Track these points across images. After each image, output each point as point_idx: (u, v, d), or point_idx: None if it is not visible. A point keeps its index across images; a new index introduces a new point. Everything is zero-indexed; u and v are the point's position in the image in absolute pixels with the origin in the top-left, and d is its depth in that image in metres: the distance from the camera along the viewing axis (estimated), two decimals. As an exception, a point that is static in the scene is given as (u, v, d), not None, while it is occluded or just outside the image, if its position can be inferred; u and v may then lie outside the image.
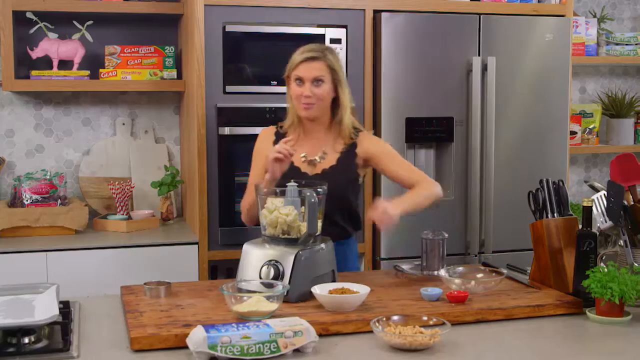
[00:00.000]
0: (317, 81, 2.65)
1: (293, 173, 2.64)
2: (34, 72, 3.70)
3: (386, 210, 2.47)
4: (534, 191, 2.55)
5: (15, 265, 3.26)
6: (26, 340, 1.93)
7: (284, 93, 3.51)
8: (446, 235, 2.65)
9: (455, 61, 3.67)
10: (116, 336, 2.06)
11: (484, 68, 3.67)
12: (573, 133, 4.33)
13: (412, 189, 2.73)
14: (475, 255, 3.71)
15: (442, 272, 2.45)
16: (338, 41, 3.58)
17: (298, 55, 2.69)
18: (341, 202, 2.70)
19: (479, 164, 3.70)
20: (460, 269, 2.53)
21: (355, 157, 2.74)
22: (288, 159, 2.53)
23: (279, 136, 2.76)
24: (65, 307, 2.21)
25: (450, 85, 3.68)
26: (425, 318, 2.06)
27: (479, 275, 2.47)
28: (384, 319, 2.03)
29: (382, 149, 2.79)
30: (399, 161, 2.78)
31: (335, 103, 2.72)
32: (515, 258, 3.34)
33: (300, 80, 2.66)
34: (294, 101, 2.71)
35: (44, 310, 2.04)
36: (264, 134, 2.85)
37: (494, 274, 2.48)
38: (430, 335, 1.93)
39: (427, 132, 3.66)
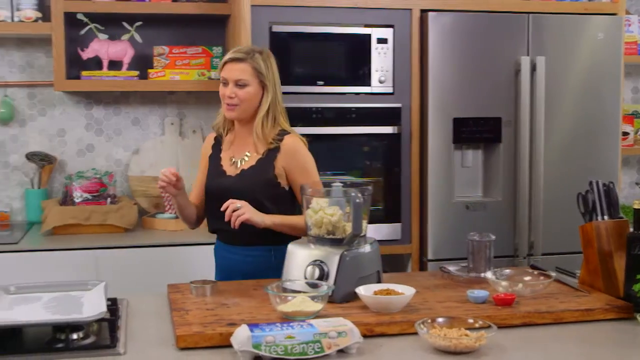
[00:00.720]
0: (240, 84, 2.63)
1: (219, 175, 2.71)
2: (84, 73, 3.76)
3: (240, 211, 2.46)
4: (583, 193, 2.50)
5: (65, 263, 3.31)
6: (74, 336, 1.96)
7: (330, 93, 3.55)
8: (493, 237, 2.62)
9: (503, 61, 3.63)
10: (162, 334, 2.08)
11: (533, 68, 3.62)
12: (625, 134, 4.25)
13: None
14: (524, 258, 3.66)
15: (489, 274, 2.42)
16: (384, 41, 3.57)
17: (226, 55, 2.70)
18: (254, 206, 2.55)
19: (527, 165, 3.65)
20: (508, 271, 2.50)
21: (274, 160, 2.64)
22: (170, 186, 2.59)
23: (217, 139, 2.81)
24: (113, 304, 2.23)
25: (498, 85, 3.64)
26: (471, 320, 2.04)
27: (527, 278, 2.44)
28: (429, 320, 2.02)
29: (298, 162, 2.67)
30: (307, 179, 2.63)
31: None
32: (565, 261, 3.30)
33: (225, 81, 2.66)
34: (222, 101, 2.70)
35: (92, 307, 2.07)
36: (208, 138, 2.87)
37: (542, 276, 2.44)
38: (475, 338, 1.91)
39: (474, 133, 3.63)
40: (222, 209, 2.48)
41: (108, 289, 2.27)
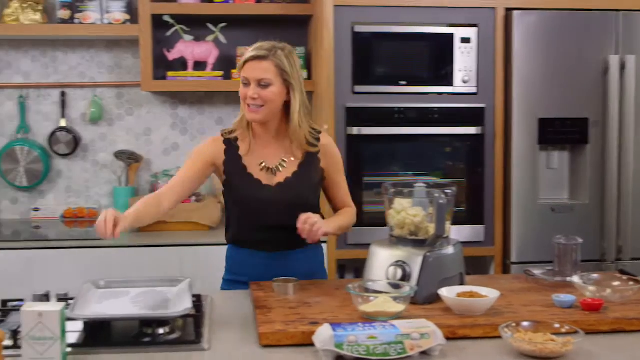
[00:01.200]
0: (263, 83, 2.43)
1: (254, 186, 2.51)
2: (170, 73, 3.84)
3: (317, 226, 2.37)
4: (676, 196, 2.42)
5: (151, 259, 3.39)
6: (161, 331, 2.00)
7: (413, 93, 3.53)
8: (580, 240, 2.56)
9: (590, 60, 3.55)
10: (245, 331, 2.10)
11: (622, 67, 3.53)
12: None
13: (343, 212, 2.63)
14: (612, 262, 3.56)
15: (576, 279, 2.36)
16: (468, 40, 3.54)
17: (247, 54, 2.47)
18: (305, 210, 2.45)
19: (616, 167, 3.55)
20: (595, 275, 2.43)
21: (318, 163, 2.56)
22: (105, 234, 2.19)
23: (229, 143, 2.56)
24: (197, 301, 2.27)
25: (586, 84, 3.55)
26: (557, 325, 1.99)
27: (616, 283, 2.37)
28: (514, 324, 1.98)
29: (338, 160, 2.62)
30: (343, 178, 2.63)
31: (288, 106, 2.50)
32: (655, 266, 3.21)
33: (246, 81, 2.45)
34: (241, 102, 2.49)
35: (178, 303, 2.11)
36: (211, 141, 2.60)
37: (631, 282, 2.37)
38: (562, 343, 1.86)
39: (561, 134, 3.56)
40: (299, 225, 2.36)
41: (192, 285, 2.31)
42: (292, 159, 2.54)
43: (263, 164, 2.53)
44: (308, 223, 2.37)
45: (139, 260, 3.38)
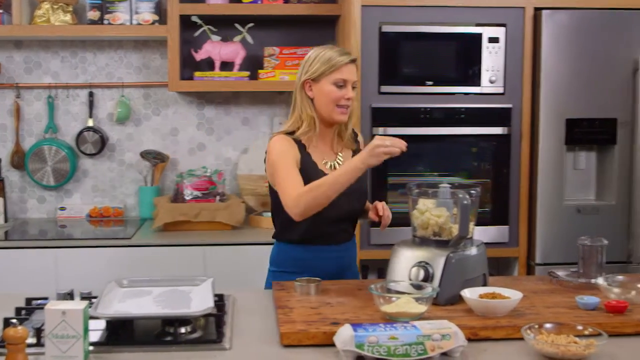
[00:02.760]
0: (354, 85, 2.58)
1: (318, 175, 2.55)
2: (197, 74, 3.86)
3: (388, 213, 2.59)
4: None
5: (175, 258, 3.41)
6: (182, 330, 2.00)
7: (439, 93, 3.51)
8: (605, 242, 2.53)
9: (620, 59, 3.51)
10: (267, 330, 2.10)
11: (652, 67, 3.49)
12: None
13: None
14: (638, 264, 3.52)
15: (600, 281, 2.34)
16: (496, 40, 3.51)
17: (339, 57, 2.54)
18: (364, 201, 2.71)
19: (644, 168, 3.51)
20: (620, 277, 2.40)
21: None
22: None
23: (298, 143, 2.59)
24: (219, 300, 2.28)
25: (614, 84, 3.51)
26: (580, 327, 1.97)
27: (641, 285, 2.35)
28: (536, 326, 1.96)
29: None
30: None
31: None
32: (683, 268, 3.16)
33: (342, 83, 2.54)
34: (329, 104, 2.55)
35: (200, 302, 2.12)
36: (287, 141, 2.58)
37: (657, 284, 2.34)
38: (585, 345, 1.85)
39: (588, 134, 3.52)
40: (380, 213, 2.58)
41: (215, 284, 2.32)
42: (343, 155, 2.68)
43: (325, 161, 2.63)
44: (386, 209, 2.58)
45: (163, 259, 3.41)
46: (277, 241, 2.74)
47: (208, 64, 3.94)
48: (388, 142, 2.34)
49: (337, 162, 2.64)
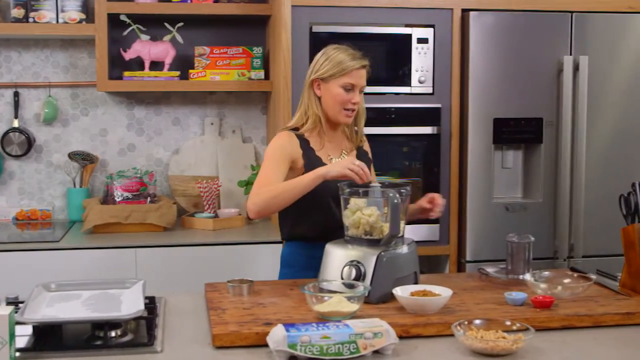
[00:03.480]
0: (362, 90, 2.64)
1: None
2: (126, 73, 3.80)
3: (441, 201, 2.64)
4: (625, 194, 2.46)
5: (105, 261, 3.35)
6: (113, 333, 1.98)
7: (370, 93, 3.52)
8: (532, 238, 2.59)
9: (545, 60, 3.59)
10: (199, 332, 2.09)
11: (576, 67, 3.58)
12: (670, 135, 4.16)
13: None
14: (564, 260, 3.62)
15: (528, 277, 2.39)
16: (425, 41, 3.56)
17: (350, 61, 2.58)
18: None
19: (569, 166, 3.60)
20: (547, 273, 2.47)
21: (367, 154, 2.81)
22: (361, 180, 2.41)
23: (301, 139, 2.62)
24: (151, 303, 2.25)
25: (540, 85, 3.60)
26: (508, 323, 2.02)
27: (566, 281, 2.41)
28: (466, 322, 2.00)
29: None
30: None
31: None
32: (607, 263, 3.24)
33: (350, 87, 2.59)
34: (336, 106, 2.60)
35: (130, 305, 2.09)
36: (287, 136, 2.62)
37: (581, 279, 2.40)
38: (513, 340, 1.89)
39: (515, 133, 3.60)
40: (440, 201, 2.64)
41: (147, 287, 2.29)
42: (348, 152, 2.73)
43: (330, 157, 2.66)
44: (439, 197, 2.64)
45: (94, 262, 3.34)
46: (287, 241, 2.73)
47: (137, 64, 3.89)
48: (356, 166, 2.39)
49: (342, 159, 2.66)
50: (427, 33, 3.56)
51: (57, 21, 3.79)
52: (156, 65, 3.87)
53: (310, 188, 2.43)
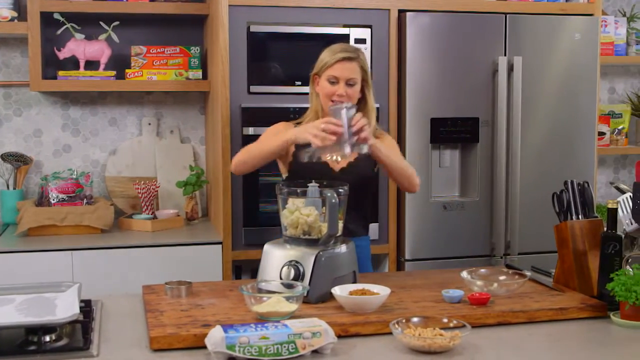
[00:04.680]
0: (350, 82, 2.66)
1: (322, 168, 2.67)
2: (61, 73, 3.73)
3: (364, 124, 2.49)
4: (558, 192, 2.52)
5: (41, 264, 3.28)
6: (47, 338, 1.94)
7: (308, 93, 3.53)
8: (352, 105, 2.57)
9: (480, 61, 3.64)
10: (136, 335, 2.07)
11: (510, 68, 3.64)
12: (601, 134, 4.28)
13: None
14: (501, 257, 3.67)
15: (464, 274, 2.42)
16: (363, 41, 3.57)
17: (333, 55, 2.68)
18: (364, 194, 2.76)
19: (504, 165, 3.66)
20: (483, 270, 2.51)
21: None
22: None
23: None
24: (86, 306, 2.22)
25: (476, 85, 3.65)
26: (445, 320, 2.04)
27: (502, 278, 2.45)
28: (404, 320, 2.02)
29: (394, 144, 2.87)
30: (398, 153, 2.81)
31: (359, 104, 2.71)
32: (542, 260, 3.31)
33: (334, 80, 2.66)
34: (324, 98, 2.70)
35: (65, 308, 2.05)
36: (284, 125, 2.82)
37: (517, 276, 2.45)
38: (450, 337, 1.91)
39: (452, 133, 3.64)
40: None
41: (84, 290, 2.26)
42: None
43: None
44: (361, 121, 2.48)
45: (29, 265, 3.27)
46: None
47: (72, 63, 3.82)
48: (319, 131, 2.44)
49: (341, 156, 2.62)
50: (365, 33, 3.58)
51: (-12, 19, 3.70)
52: (91, 64, 3.81)
53: (280, 150, 2.62)
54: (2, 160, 3.86)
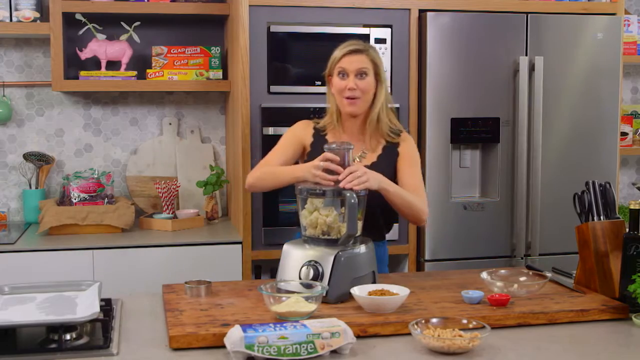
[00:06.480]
0: (361, 74, 2.60)
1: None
2: (82, 73, 3.76)
3: (364, 174, 2.36)
4: (579, 193, 2.50)
5: (62, 263, 3.31)
6: (67, 336, 1.96)
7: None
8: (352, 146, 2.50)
9: (501, 61, 3.63)
10: (156, 334, 2.07)
11: (532, 68, 3.62)
12: (624, 134, 4.24)
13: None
14: (522, 258, 3.65)
15: (484, 275, 2.41)
16: (383, 41, 3.57)
17: (340, 50, 2.66)
18: (380, 200, 2.60)
19: (525, 165, 3.64)
20: (503, 271, 2.49)
21: (397, 156, 2.69)
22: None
23: (317, 132, 2.74)
24: (107, 305, 2.23)
25: (497, 85, 3.63)
26: (464, 321, 2.03)
27: (522, 279, 2.43)
28: (423, 321, 2.01)
29: (413, 155, 2.73)
30: (416, 172, 2.69)
31: (373, 99, 2.67)
32: (563, 261, 3.30)
33: (343, 73, 2.62)
34: (337, 96, 2.66)
35: (85, 307, 2.07)
36: (303, 124, 2.80)
37: (537, 277, 2.43)
38: (469, 338, 1.90)
39: (472, 133, 3.62)
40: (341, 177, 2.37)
41: (104, 289, 2.27)
42: (373, 150, 2.69)
43: None
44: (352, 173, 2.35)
45: (50, 264, 3.30)
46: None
47: (94, 63, 3.84)
48: (316, 176, 2.38)
49: (358, 157, 2.66)
50: (385, 33, 3.57)
51: (11, 20, 3.73)
52: (113, 64, 3.84)
53: (289, 183, 2.54)
54: (25, 160, 3.89)
